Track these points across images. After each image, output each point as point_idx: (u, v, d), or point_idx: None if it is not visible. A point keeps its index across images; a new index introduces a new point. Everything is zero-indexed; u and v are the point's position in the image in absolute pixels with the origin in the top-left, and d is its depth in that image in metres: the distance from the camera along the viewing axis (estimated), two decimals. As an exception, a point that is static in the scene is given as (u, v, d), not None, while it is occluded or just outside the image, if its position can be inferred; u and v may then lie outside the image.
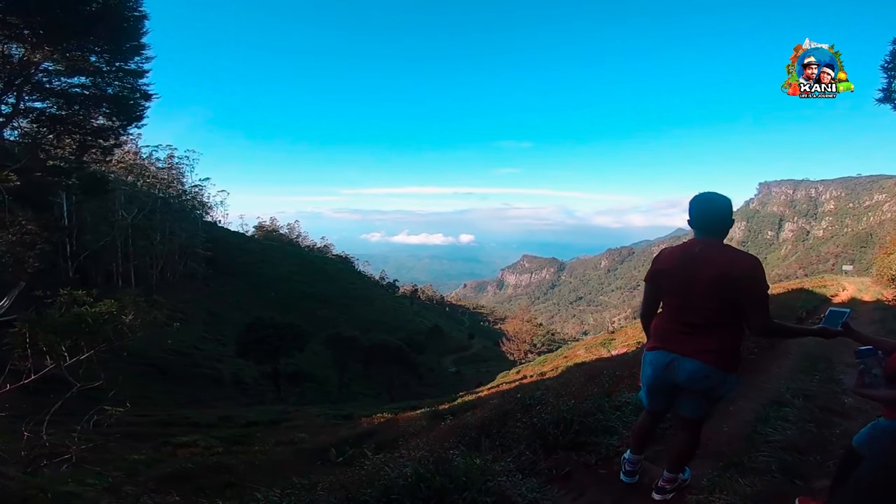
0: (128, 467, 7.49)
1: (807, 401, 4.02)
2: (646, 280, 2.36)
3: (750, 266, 2.05)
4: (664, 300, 2.29)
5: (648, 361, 2.32)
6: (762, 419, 3.62)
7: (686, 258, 2.16)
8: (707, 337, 2.13)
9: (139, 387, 23.41)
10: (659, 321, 2.33)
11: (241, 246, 68.32)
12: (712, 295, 2.08)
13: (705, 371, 2.12)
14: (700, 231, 2.20)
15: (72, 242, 32.90)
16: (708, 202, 2.18)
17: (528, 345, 44.02)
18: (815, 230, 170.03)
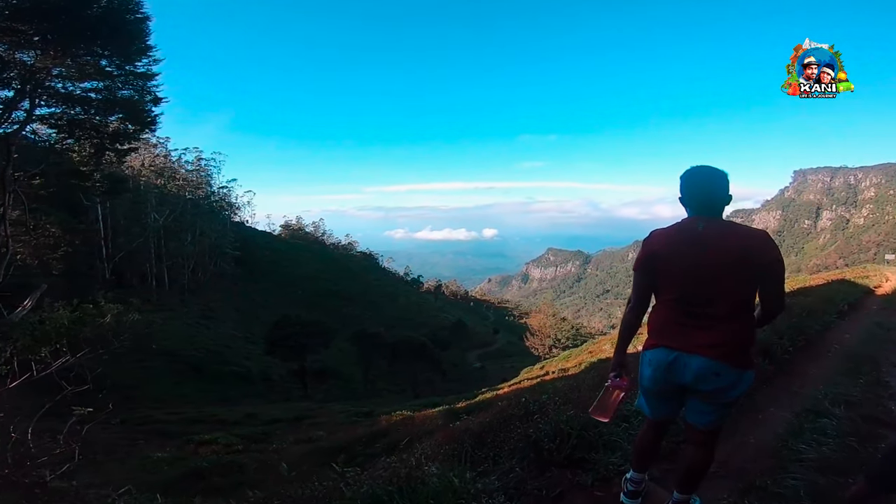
0: (151, 465, 7.71)
1: (848, 409, 3.57)
2: (636, 268, 2.03)
3: (772, 245, 1.82)
4: (661, 290, 1.97)
5: (647, 361, 2.01)
6: (795, 431, 3.20)
7: (689, 239, 1.86)
8: (717, 329, 1.85)
9: (174, 385, 24.28)
10: (656, 315, 2.02)
11: (268, 245, 69.72)
12: (726, 280, 1.82)
13: (716, 368, 1.84)
14: (697, 209, 1.91)
15: (107, 245, 34.17)
16: (709, 176, 1.91)
17: (551, 339, 43.44)
18: (854, 218, 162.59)
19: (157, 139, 46.50)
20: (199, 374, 26.32)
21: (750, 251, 1.79)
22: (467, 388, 29.69)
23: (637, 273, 2.04)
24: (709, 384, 1.87)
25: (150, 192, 40.31)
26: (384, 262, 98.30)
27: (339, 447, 8.22)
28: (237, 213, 65.35)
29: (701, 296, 1.85)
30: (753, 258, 1.79)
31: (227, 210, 59.21)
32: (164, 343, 28.85)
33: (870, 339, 6.32)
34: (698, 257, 1.83)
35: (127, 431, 11.56)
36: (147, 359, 26.20)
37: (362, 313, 54.82)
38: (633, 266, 2.05)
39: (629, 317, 2.07)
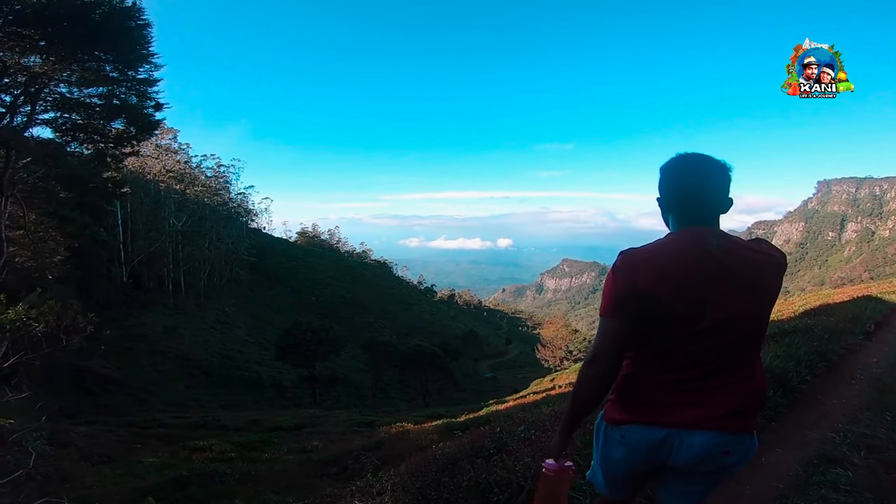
0: (141, 471, 7.68)
1: (870, 454, 3.03)
2: (611, 313, 1.29)
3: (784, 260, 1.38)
4: (655, 343, 1.30)
5: (617, 440, 1.40)
6: (800, 486, 2.68)
7: (707, 267, 1.25)
8: (737, 388, 1.31)
9: (186, 389, 24.51)
10: (635, 379, 1.36)
11: (284, 252, 70.46)
12: (762, 319, 1.33)
13: (728, 444, 1.31)
14: (693, 217, 1.34)
15: (126, 249, 34.83)
16: (709, 169, 1.34)
17: (563, 351, 42.82)
18: (880, 230, 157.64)
19: (178, 145, 47.66)
20: (211, 379, 26.56)
21: (779, 276, 1.34)
22: (478, 398, 29.40)
23: (614, 319, 1.29)
24: (713, 464, 1.34)
25: (170, 198, 41.08)
26: (399, 270, 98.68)
27: (332, 459, 8.08)
28: (254, 219, 66.42)
29: (725, 347, 1.29)
30: (778, 284, 1.34)
31: (244, 216, 60.12)
32: (179, 347, 29.23)
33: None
34: (727, 291, 1.25)
35: (129, 434, 11.59)
36: (162, 362, 26.59)
37: (375, 321, 54.92)
38: (606, 309, 1.31)
39: (595, 385, 1.33)
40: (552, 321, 62.07)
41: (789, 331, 6.36)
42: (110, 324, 28.18)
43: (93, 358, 21.37)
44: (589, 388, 1.35)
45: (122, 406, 18.41)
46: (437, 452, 4.01)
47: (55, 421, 12.25)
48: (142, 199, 37.37)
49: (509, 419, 6.05)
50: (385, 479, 3.45)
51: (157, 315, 33.56)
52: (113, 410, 17.33)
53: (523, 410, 8.97)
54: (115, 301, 30.55)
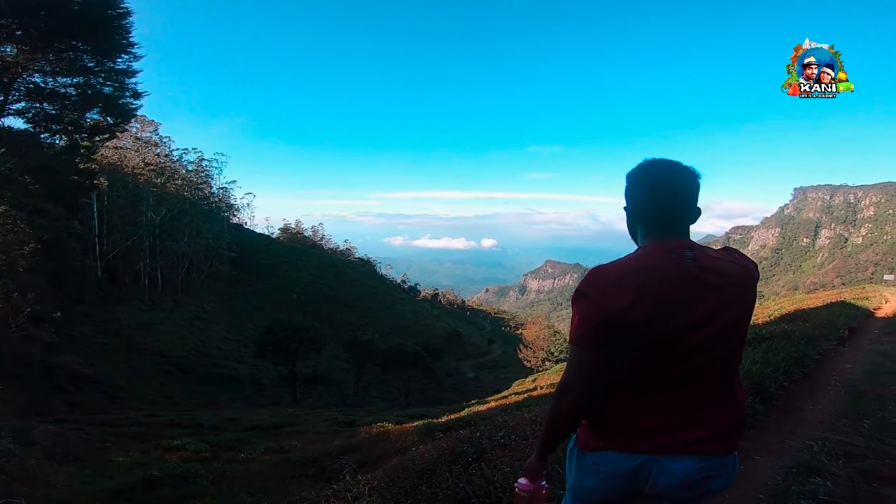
0: (110, 470, 7.46)
1: (848, 463, 3.04)
2: (587, 341, 1.18)
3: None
4: (633, 371, 1.20)
5: (592, 468, 1.28)
6: (779, 496, 2.66)
7: (685, 284, 1.16)
8: (719, 409, 1.24)
9: (161, 386, 23.96)
10: (610, 405, 1.25)
11: (265, 248, 69.59)
12: (741, 334, 1.25)
13: (712, 468, 1.23)
14: (663, 227, 1.26)
15: (101, 242, 33.91)
16: (680, 176, 1.26)
17: (545, 352, 43.22)
18: (853, 237, 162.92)
19: (159, 138, 46.63)
20: (188, 376, 26.01)
21: (754, 287, 1.28)
22: (460, 398, 29.42)
23: (584, 349, 1.19)
24: (694, 490, 1.24)
25: (149, 191, 40.14)
26: (382, 268, 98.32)
27: (310, 460, 7.96)
28: (236, 214, 65.44)
29: (705, 367, 1.20)
30: (754, 295, 1.29)
31: (225, 211, 59.14)
32: (155, 343, 28.58)
33: (874, 369, 5.96)
34: (702, 305, 1.17)
35: (100, 433, 11.26)
36: (137, 359, 25.94)
37: (358, 319, 54.61)
38: (576, 337, 1.20)
39: (569, 414, 1.25)
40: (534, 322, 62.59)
41: (767, 336, 6.44)
42: (84, 319, 27.59)
43: (64, 353, 20.76)
44: (562, 417, 1.27)
45: (94, 403, 17.88)
46: (415, 457, 3.95)
47: (24, 418, 11.84)
48: (119, 192, 36.38)
49: (490, 422, 6.02)
50: (363, 484, 3.38)
51: (132, 310, 32.74)
52: (85, 408, 16.82)
53: (504, 412, 8.95)
54: (89, 296, 29.72)
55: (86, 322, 27.28)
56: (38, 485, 6.00)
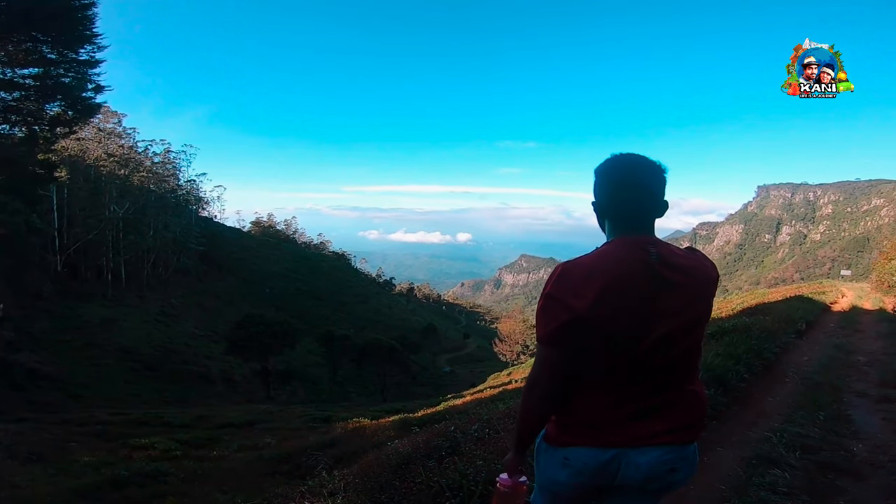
0: (75, 470, 7.21)
1: (805, 455, 3.17)
2: (550, 341, 1.21)
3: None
4: (606, 362, 1.22)
5: (561, 462, 1.31)
6: (741, 487, 2.74)
7: (647, 280, 1.18)
8: (681, 402, 1.28)
9: (127, 384, 23.20)
10: (577, 402, 1.28)
11: (236, 241, 67.91)
12: (700, 331, 1.29)
13: (675, 460, 1.27)
14: (629, 223, 1.27)
15: (61, 236, 32.48)
16: (647, 171, 1.27)
17: (520, 346, 43.73)
18: (812, 234, 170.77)
19: (122, 128, 44.86)
20: (155, 374, 25.23)
21: (714, 290, 1.30)
22: (436, 392, 29.55)
23: (550, 348, 1.22)
24: (659, 482, 1.29)
25: (112, 183, 38.58)
26: (357, 262, 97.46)
27: (285, 456, 7.86)
28: (206, 207, 63.70)
29: (667, 362, 1.24)
30: (713, 295, 1.31)
31: (194, 204, 57.36)
32: (119, 340, 27.63)
33: (830, 362, 6.26)
34: (663, 304, 1.19)
35: (63, 432, 10.83)
36: (100, 356, 25.03)
37: (332, 314, 54.03)
38: (541, 336, 1.22)
39: (538, 414, 1.30)
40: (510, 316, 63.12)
41: (728, 329, 6.69)
42: (43, 315, 26.39)
43: (23, 351, 19.84)
44: (532, 412, 1.30)
45: (55, 402, 17.16)
46: (390, 452, 3.96)
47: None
48: (80, 185, 34.83)
49: (465, 416, 6.07)
50: (338, 479, 3.37)
51: (94, 306, 31.50)
52: (46, 407, 16.12)
53: (479, 406, 9.05)
54: (49, 291, 28.43)
55: (45, 318, 26.13)
56: (1, 485, 5.76)
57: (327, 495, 3.00)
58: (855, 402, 4.62)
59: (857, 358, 6.56)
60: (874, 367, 6.04)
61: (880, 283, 17.66)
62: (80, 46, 12.96)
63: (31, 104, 13.31)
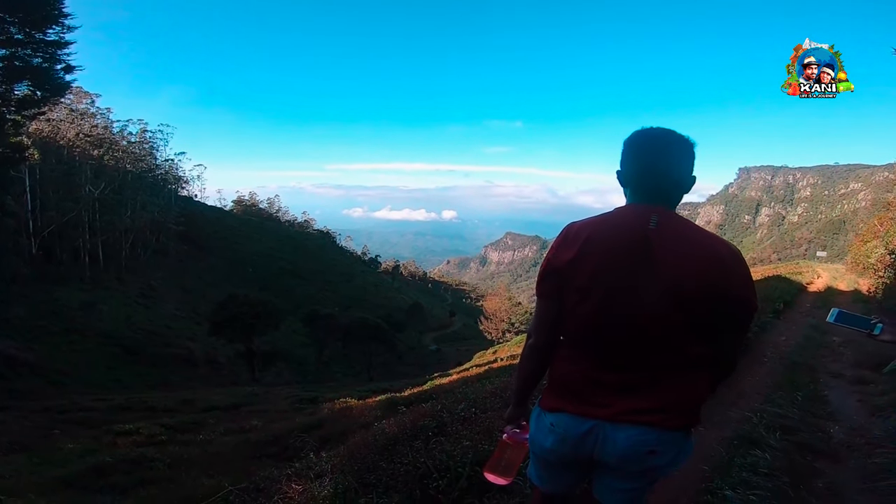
0: (59, 459, 7.12)
1: (784, 436, 3.19)
2: (538, 289, 1.31)
3: (746, 269, 1.21)
4: (576, 323, 1.25)
5: (547, 427, 1.33)
6: (723, 467, 2.77)
7: (630, 245, 1.17)
8: (658, 387, 1.22)
9: (108, 370, 22.88)
10: (562, 363, 1.32)
11: (218, 221, 66.66)
12: (680, 314, 1.16)
13: (654, 443, 1.22)
14: (646, 193, 1.24)
15: (34, 218, 31.46)
16: (671, 145, 1.24)
17: (506, 324, 44.23)
18: (790, 216, 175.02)
19: (96, 109, 43.24)
20: (136, 358, 24.90)
21: (724, 275, 1.15)
22: (422, 371, 29.78)
23: (540, 298, 1.30)
24: (640, 463, 1.25)
25: (86, 164, 37.35)
26: (342, 240, 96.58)
27: (272, 439, 7.82)
28: (185, 187, 62.21)
29: (637, 338, 1.19)
30: (725, 287, 1.15)
31: (173, 184, 55.98)
32: (98, 324, 27.14)
33: (806, 343, 6.43)
34: (641, 274, 1.15)
35: (46, 420, 10.68)
36: (80, 341, 24.58)
37: (317, 293, 53.70)
38: (536, 288, 1.31)
39: (531, 364, 1.38)
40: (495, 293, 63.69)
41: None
42: (19, 300, 25.70)
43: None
44: (526, 361, 1.40)
45: (36, 390, 16.85)
46: (377, 433, 3.97)
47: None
48: (53, 166, 33.65)
49: (451, 395, 6.12)
50: (325, 461, 3.36)
51: (72, 290, 30.77)
52: (26, 395, 15.84)
53: (465, 385, 9.13)
54: (24, 275, 27.62)
55: (21, 303, 25.44)
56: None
57: (314, 477, 3.00)
58: (831, 383, 4.77)
59: (832, 339, 6.74)
60: (849, 347, 6.22)
61: (855, 265, 18.14)
62: (48, 27, 12.46)
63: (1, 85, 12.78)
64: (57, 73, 13.34)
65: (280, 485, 3.12)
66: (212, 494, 3.38)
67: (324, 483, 2.78)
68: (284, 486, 2.99)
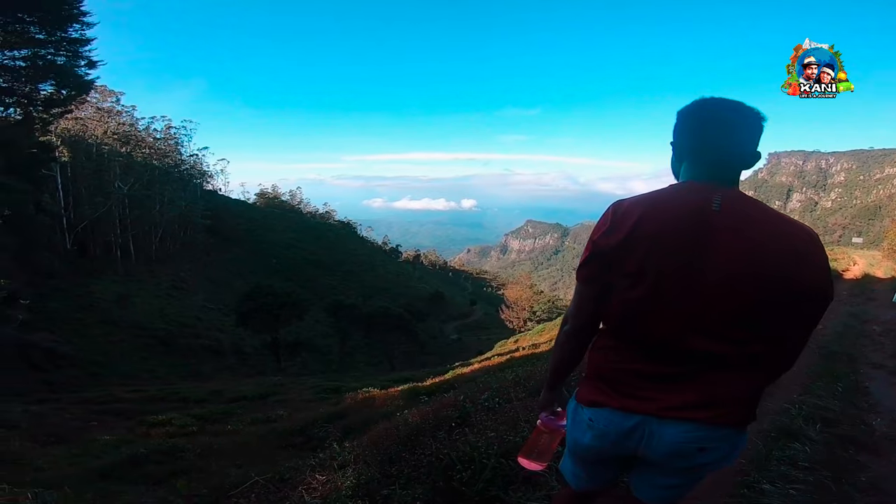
0: (97, 450, 7.39)
1: (825, 428, 3.06)
2: (581, 275, 1.19)
3: (823, 256, 1.07)
4: (623, 311, 1.14)
5: (586, 423, 1.24)
6: (761, 461, 2.63)
7: (691, 228, 1.05)
8: (713, 381, 1.11)
9: (142, 360, 23.67)
10: (604, 355, 1.22)
11: (242, 213, 67.90)
12: (745, 302, 1.05)
13: (705, 439, 1.13)
14: (707, 168, 1.13)
15: (68, 215, 32.60)
16: (738, 115, 1.10)
17: (528, 312, 43.94)
18: (823, 201, 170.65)
19: (121, 106, 44.39)
20: (168, 349, 25.69)
21: (797, 264, 1.03)
22: (443, 360, 29.94)
23: (581, 282, 1.20)
24: (690, 460, 1.17)
25: (115, 161, 38.43)
26: (363, 231, 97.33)
27: (296, 429, 7.97)
28: (210, 181, 63.45)
29: (691, 330, 1.08)
30: (798, 278, 1.03)
31: (198, 178, 57.24)
32: (132, 316, 28.05)
33: (845, 332, 6.20)
34: (700, 261, 1.04)
35: (83, 412, 11.11)
36: (115, 333, 25.47)
37: (340, 283, 54.41)
38: (577, 271, 1.20)
39: (565, 350, 1.29)
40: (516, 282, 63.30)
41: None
42: (56, 294, 26.75)
43: (39, 331, 20.19)
44: (561, 348, 1.31)
45: (74, 381, 17.54)
46: (399, 423, 3.98)
47: (4, 400, 11.57)
48: (83, 164, 34.70)
49: (474, 384, 6.10)
50: (348, 452, 3.39)
51: (105, 283, 31.85)
52: (65, 386, 16.50)
53: (487, 374, 9.13)
54: (60, 270, 28.72)
55: (58, 297, 26.48)
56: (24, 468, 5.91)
57: (337, 468, 3.01)
58: (871, 373, 4.60)
59: (871, 327, 6.49)
60: (889, 337, 5.98)
61: (892, 251, 17.45)
62: (68, 25, 12.75)
63: (23, 86, 13.16)
64: (80, 69, 13.69)
65: (304, 475, 3.15)
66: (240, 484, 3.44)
67: (346, 474, 2.80)
68: (308, 477, 3.02)
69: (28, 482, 5.04)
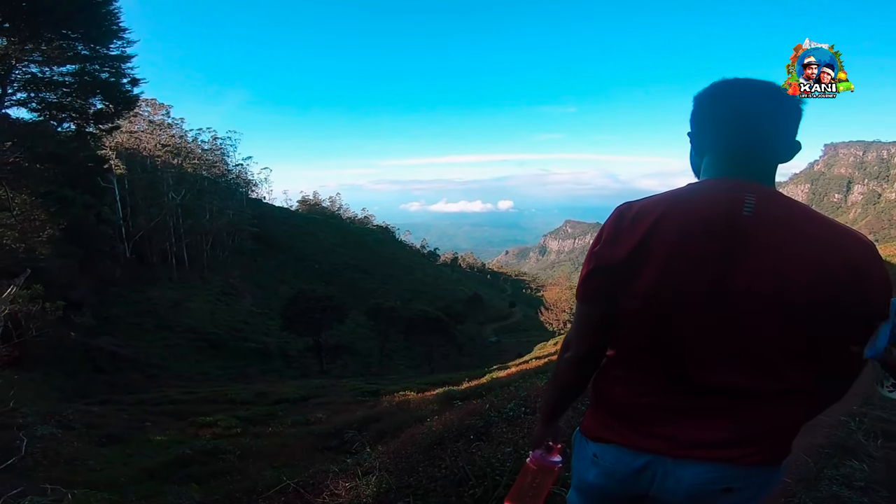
0: (150, 450, 7.76)
1: (888, 443, 2.76)
2: (581, 294, 1.01)
3: (884, 269, 0.88)
4: (635, 335, 0.97)
5: (590, 459, 1.08)
6: (811, 480, 2.39)
7: (716, 233, 0.87)
8: (742, 415, 0.93)
9: (195, 363, 24.90)
10: (612, 384, 1.05)
11: (285, 220, 70.32)
12: (787, 325, 0.87)
13: (730, 480, 0.94)
14: (735, 162, 0.94)
15: (127, 225, 34.75)
16: (768, 97, 0.93)
17: (567, 314, 43.07)
18: (887, 193, 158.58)
19: (171, 120, 47.02)
20: (219, 351, 26.92)
21: (852, 281, 0.84)
22: (482, 362, 29.84)
23: (582, 302, 1.02)
24: (710, 503, 0.98)
25: (167, 172, 40.73)
26: (401, 235, 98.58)
27: (332, 432, 8.13)
28: (254, 189, 66.13)
29: (716, 357, 0.91)
30: (852, 297, 0.85)
31: (243, 187, 59.81)
32: (186, 320, 29.56)
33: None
34: (729, 276, 0.86)
35: (140, 412, 11.78)
36: (171, 336, 26.94)
37: (379, 287, 55.29)
38: (577, 291, 1.02)
39: (567, 379, 1.11)
40: (555, 283, 62.39)
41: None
42: (117, 300, 28.62)
43: (102, 336, 21.65)
44: (562, 377, 1.12)
45: (133, 383, 18.68)
46: (423, 432, 3.96)
47: (69, 402, 12.45)
48: (139, 175, 37.06)
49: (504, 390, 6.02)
50: (374, 458, 3.40)
51: (162, 289, 33.78)
52: (125, 388, 17.60)
53: (523, 378, 9.00)
54: (121, 278, 30.71)
55: (119, 303, 28.31)
56: (79, 468, 6.29)
57: (361, 475, 3.04)
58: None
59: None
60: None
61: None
62: (109, 42, 13.55)
63: (73, 101, 14.11)
64: (124, 86, 14.56)
65: (328, 481, 3.18)
66: (271, 487, 3.52)
67: (369, 481, 2.82)
68: (331, 484, 3.05)
69: (80, 482, 5.38)
